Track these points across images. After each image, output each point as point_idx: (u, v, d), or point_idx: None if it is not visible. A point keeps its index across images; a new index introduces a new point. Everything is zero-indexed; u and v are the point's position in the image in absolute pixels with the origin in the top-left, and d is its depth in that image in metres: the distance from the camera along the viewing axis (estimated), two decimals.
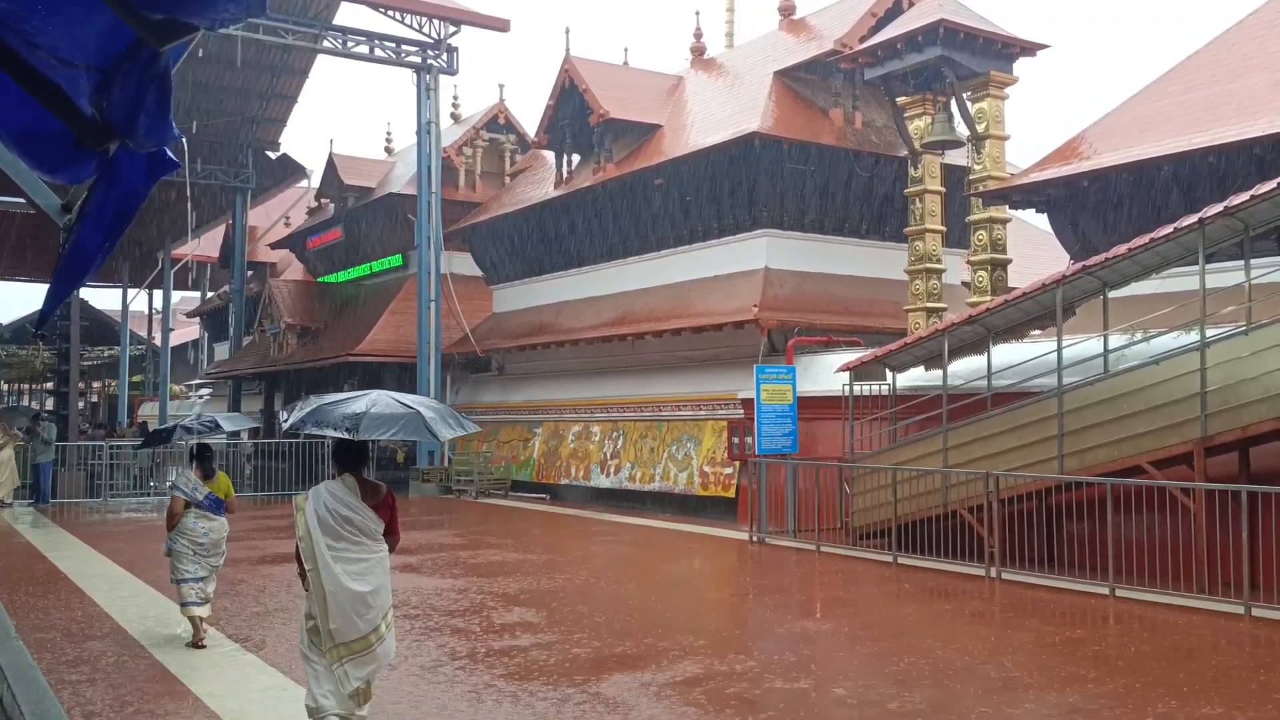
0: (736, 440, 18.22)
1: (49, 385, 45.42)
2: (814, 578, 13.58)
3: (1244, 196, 11.23)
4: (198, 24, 2.18)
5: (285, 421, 6.03)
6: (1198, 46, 17.37)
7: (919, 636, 9.65)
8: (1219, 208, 11.45)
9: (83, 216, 2.82)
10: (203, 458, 9.51)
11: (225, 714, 7.19)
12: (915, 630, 10.08)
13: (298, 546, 5.99)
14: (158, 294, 48.46)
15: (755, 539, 16.26)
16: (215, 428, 10.16)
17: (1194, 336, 11.97)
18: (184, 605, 9.21)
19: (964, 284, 19.96)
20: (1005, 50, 18.30)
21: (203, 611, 9.21)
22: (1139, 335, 13.62)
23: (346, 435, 5.81)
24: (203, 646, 9.03)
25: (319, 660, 5.87)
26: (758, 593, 12.91)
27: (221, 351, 46.29)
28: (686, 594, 12.66)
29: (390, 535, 6.16)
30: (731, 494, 19.66)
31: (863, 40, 20.29)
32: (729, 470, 19.84)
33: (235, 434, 26.68)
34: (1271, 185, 10.95)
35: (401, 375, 30.74)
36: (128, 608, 10.98)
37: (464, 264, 30.93)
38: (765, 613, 11.31)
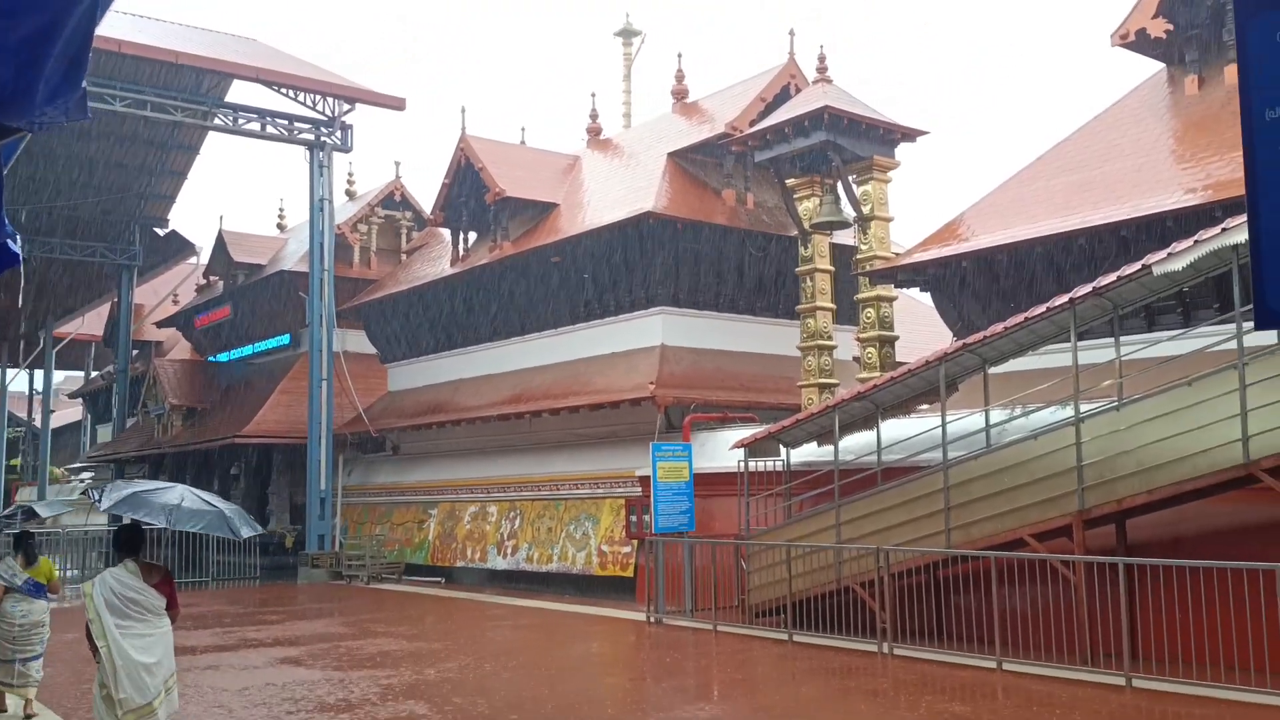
0: (634, 518, 18.13)
1: None
2: (711, 659, 13.48)
3: (1111, 277, 11.71)
4: (18, 126, 2.12)
5: (99, 504, 6.94)
6: (1068, 133, 18.22)
7: (814, 717, 9.61)
8: (1088, 288, 11.91)
9: None
10: (23, 545, 9.94)
11: None
12: (811, 712, 10.05)
13: (88, 627, 6.68)
14: (39, 373, 46.68)
15: (653, 619, 16.12)
16: (32, 515, 10.39)
17: (1070, 412, 12.36)
18: (4, 685, 9.63)
19: (855, 359, 20.35)
20: (887, 135, 18.95)
21: (27, 689, 9.60)
22: (1019, 410, 14.02)
23: (166, 524, 6.76)
24: (32, 716, 9.45)
25: None
26: (654, 676, 12.75)
27: (105, 433, 44.67)
28: (582, 680, 12.44)
29: (172, 609, 6.95)
30: (630, 573, 19.51)
31: (752, 124, 20.83)
32: (627, 549, 19.71)
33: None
34: (1136, 267, 11.44)
35: (292, 457, 30.02)
36: None
37: (358, 342, 30.52)
38: (661, 697, 11.16)
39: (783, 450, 16.35)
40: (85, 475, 48.24)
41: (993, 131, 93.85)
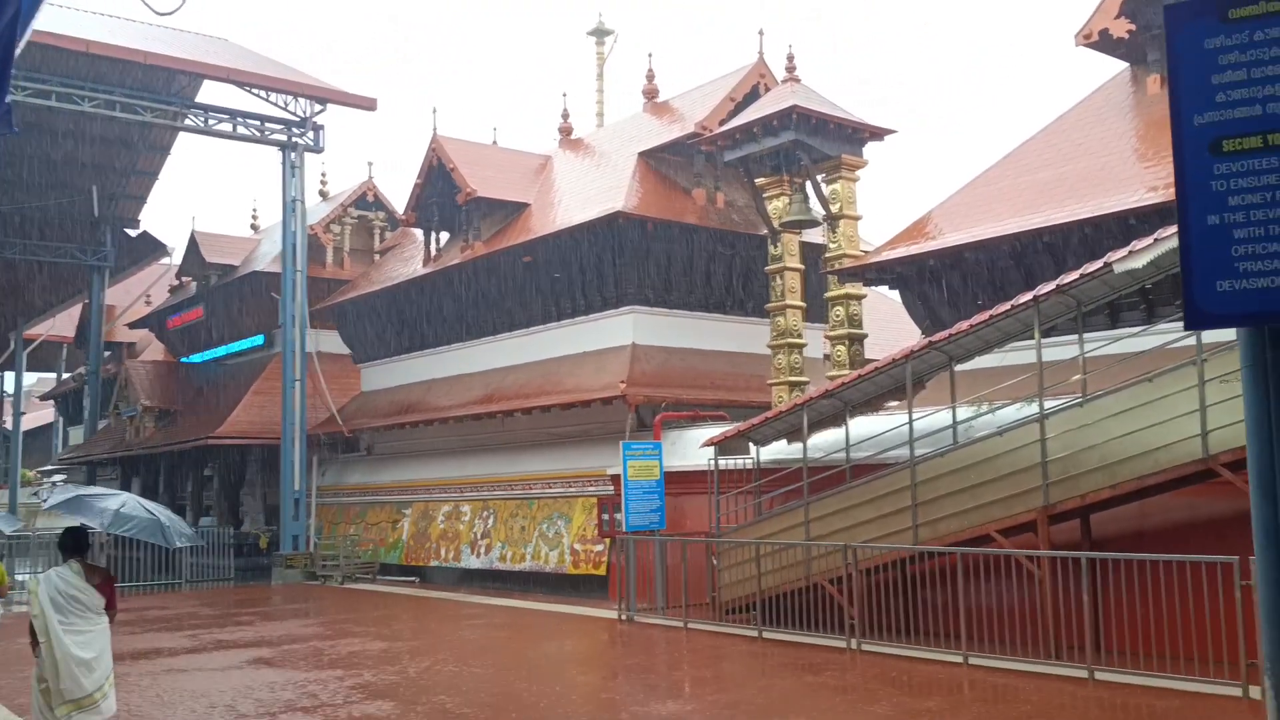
0: (606, 517, 18.19)
1: None
2: (681, 656, 13.56)
3: (1074, 275, 11.85)
4: None
5: (45, 502, 7.76)
6: (1034, 132, 18.39)
7: (783, 714, 9.70)
8: (1051, 286, 12.05)
9: None
10: None
11: None
12: (780, 708, 10.12)
13: (31, 623, 7.20)
14: (9, 375, 46.26)
15: (624, 617, 16.18)
16: None
17: (1035, 408, 12.50)
18: None
19: (825, 357, 20.47)
20: (855, 135, 19.08)
21: None
22: (985, 407, 14.15)
23: (101, 528, 7.41)
24: None
25: (49, 715, 7.13)
26: (625, 674, 12.82)
27: (76, 435, 44.32)
28: (553, 678, 12.48)
29: (110, 609, 7.47)
30: (603, 571, 19.56)
31: (722, 123, 20.91)
32: (599, 547, 19.77)
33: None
34: (1098, 265, 11.58)
35: (265, 457, 29.91)
36: None
37: (331, 342, 30.42)
38: (632, 694, 11.22)
39: (753, 448, 16.44)
40: (58, 477, 47.83)
41: (961, 131, 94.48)
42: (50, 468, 49.83)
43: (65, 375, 48.74)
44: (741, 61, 24.20)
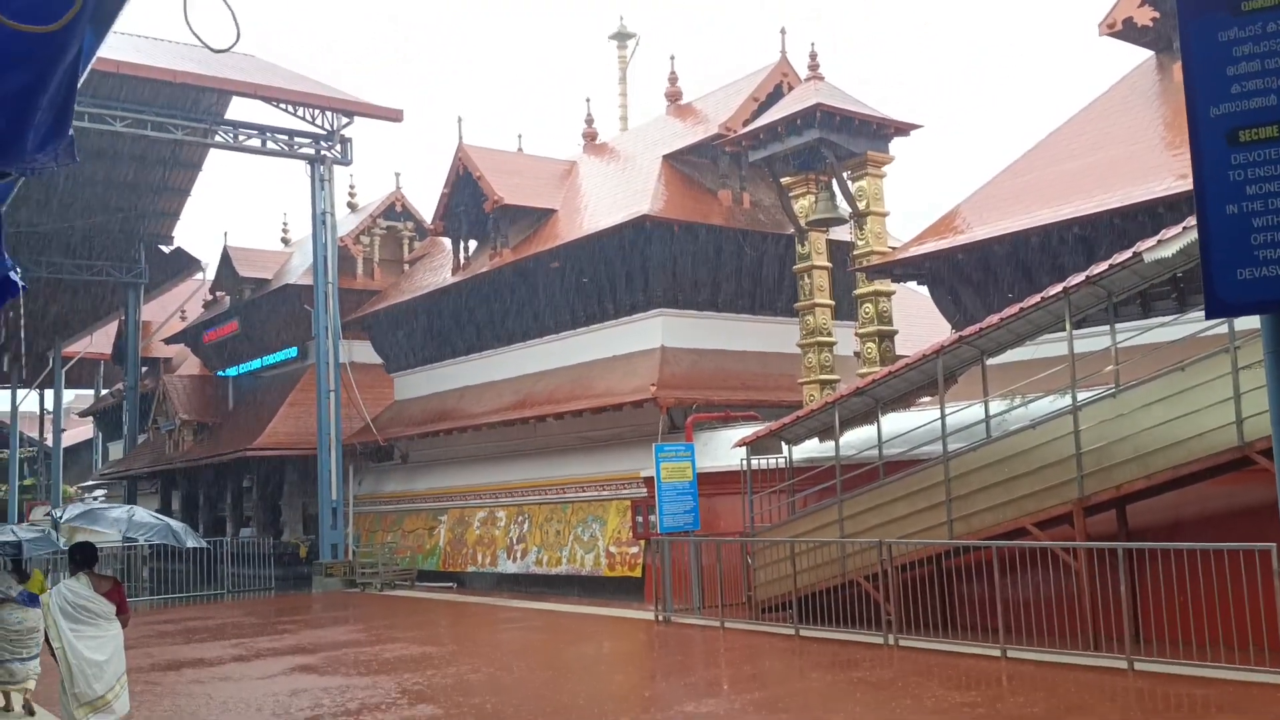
0: (640, 519, 18.27)
1: None
2: (719, 655, 13.61)
3: (1103, 266, 11.82)
4: (11, 171, 2.27)
5: (60, 517, 8.90)
6: (1056, 124, 18.33)
7: (821, 710, 9.75)
8: (1081, 277, 12.03)
9: None
10: (18, 565, 11.36)
11: None
12: (818, 703, 10.18)
13: (46, 632, 8.06)
14: (49, 393, 46.98)
15: (661, 618, 16.26)
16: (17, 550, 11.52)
17: (1068, 400, 12.47)
18: (4, 684, 10.86)
19: (855, 355, 20.46)
20: (881, 131, 19.06)
21: (27, 685, 10.82)
22: (1018, 400, 14.13)
23: (119, 534, 8.66)
24: (33, 715, 10.69)
25: (70, 716, 7.76)
26: (663, 674, 12.90)
27: (116, 451, 44.97)
28: (592, 679, 12.58)
29: (122, 614, 8.10)
30: (638, 573, 19.65)
31: (746, 124, 20.96)
32: (634, 549, 19.85)
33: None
34: (1127, 254, 11.55)
35: (302, 468, 30.23)
36: None
37: (364, 352, 30.72)
38: (671, 694, 11.30)
39: (785, 447, 16.48)
40: (99, 492, 48.53)
41: (988, 124, 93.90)
42: (91, 483, 50.57)
43: (103, 392, 49.43)
44: (763, 62, 24.25)
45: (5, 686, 10.80)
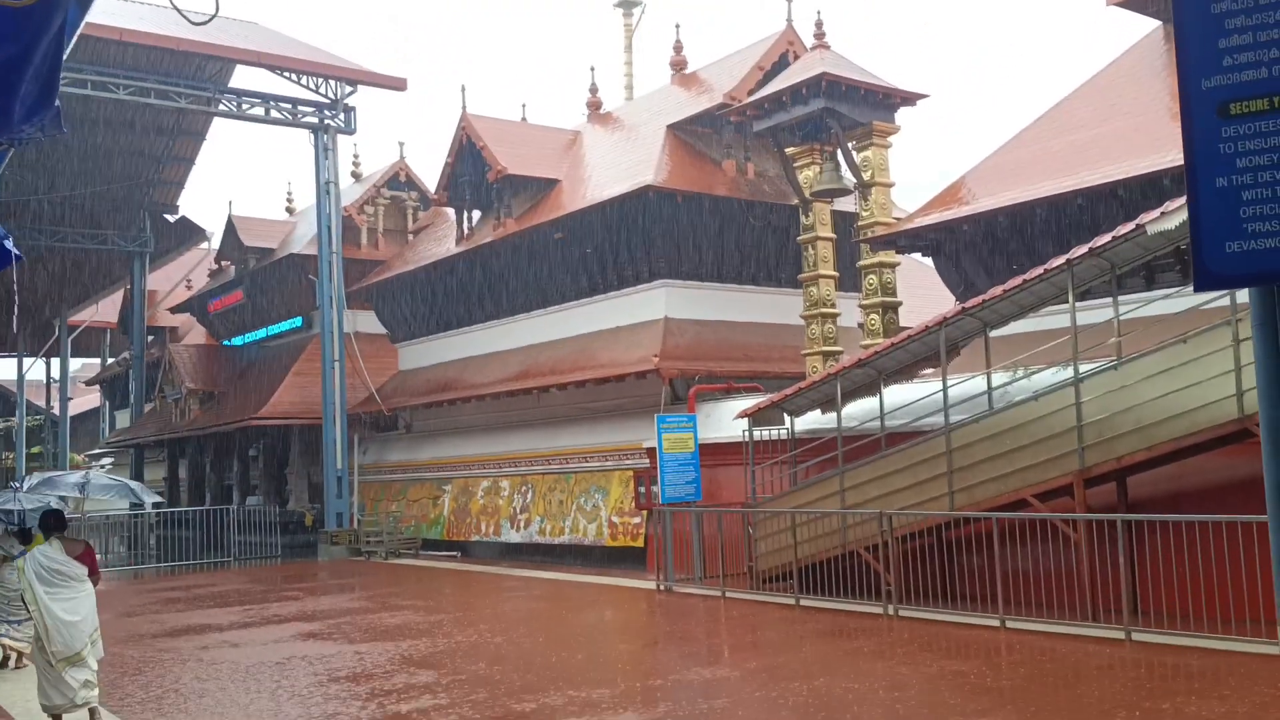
0: (642, 489, 18.36)
1: None
2: (719, 624, 13.71)
3: (1106, 238, 11.79)
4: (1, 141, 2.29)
5: (19, 489, 10.08)
6: (1066, 93, 18.22)
7: (821, 678, 9.82)
8: (1084, 249, 11.99)
9: None
10: (23, 528, 11.91)
11: None
12: (817, 672, 10.25)
13: (22, 596, 8.74)
14: (55, 362, 47.16)
15: (662, 587, 16.36)
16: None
17: (1070, 372, 12.47)
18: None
19: (859, 326, 20.46)
20: (886, 101, 18.96)
21: (18, 644, 11.60)
22: (1020, 372, 14.13)
23: (79, 495, 9.82)
24: (22, 668, 11.38)
25: (49, 670, 8.35)
26: (664, 641, 13.00)
27: (123, 419, 45.15)
28: (593, 646, 12.69)
29: (93, 575, 8.70)
30: (640, 543, 19.76)
31: (751, 93, 20.85)
32: (637, 520, 19.95)
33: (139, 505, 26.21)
34: (1130, 227, 11.51)
35: (308, 437, 30.36)
36: None
37: (368, 322, 30.76)
38: (671, 661, 11.40)
39: (787, 419, 16.52)
40: (106, 460, 48.81)
41: (994, 95, 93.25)
42: (98, 451, 50.87)
43: (110, 360, 49.59)
44: (769, 30, 24.07)
45: (15, 645, 11.57)
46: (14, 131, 2.00)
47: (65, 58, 1.92)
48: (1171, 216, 11.08)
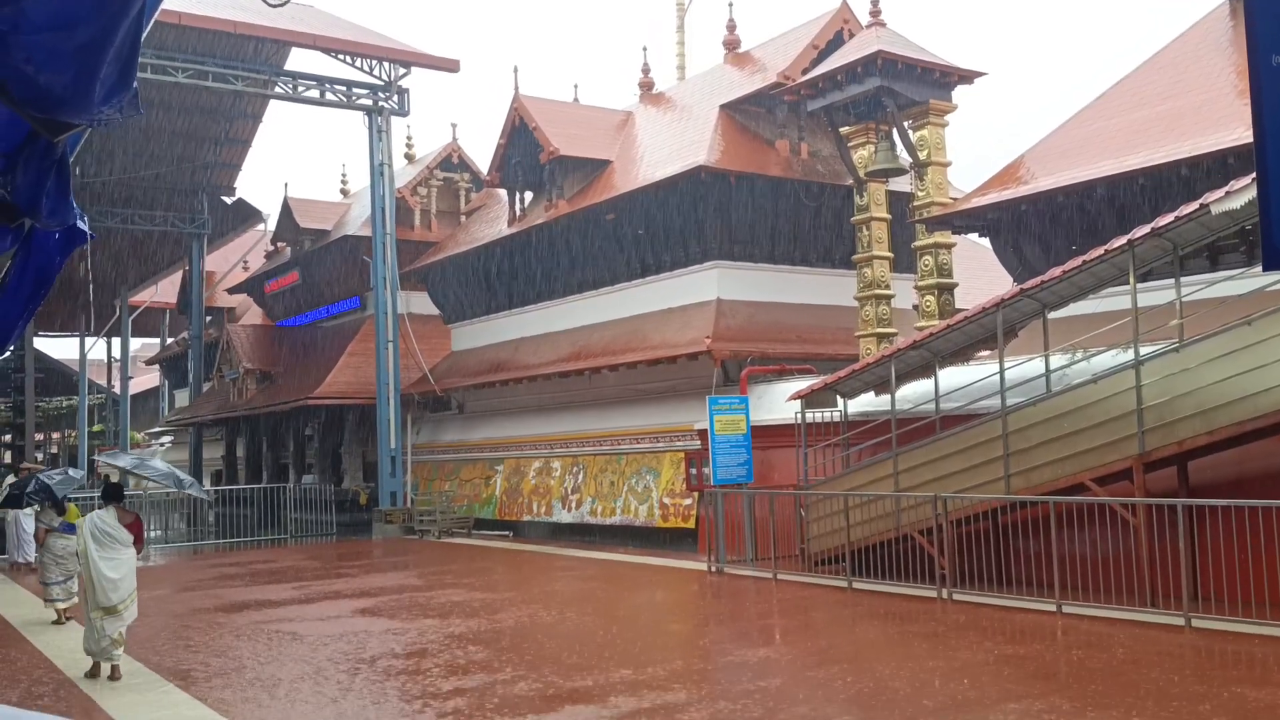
0: (694, 471, 18.38)
1: (6, 438, 44.85)
2: (771, 605, 13.71)
3: (1169, 218, 11.57)
4: (79, 122, 2.34)
5: (108, 461, 13.55)
6: (1128, 70, 17.85)
7: (873, 660, 9.81)
8: (1146, 229, 11.78)
9: (2, 289, 2.97)
10: (56, 502, 13.61)
11: None
12: (870, 654, 10.24)
13: (77, 552, 10.60)
14: (116, 341, 48.12)
15: (714, 569, 16.39)
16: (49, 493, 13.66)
17: (1130, 355, 12.27)
18: (49, 601, 13.53)
19: (914, 308, 20.27)
20: (943, 79, 18.71)
21: (64, 604, 13.44)
22: (1079, 354, 13.93)
23: (133, 465, 12.62)
24: (64, 623, 13.15)
25: (91, 620, 9.67)
26: (715, 622, 13.03)
27: (182, 398, 46.02)
28: (644, 626, 12.75)
29: (137, 543, 10.15)
30: (691, 524, 19.79)
31: (805, 72, 20.69)
32: (688, 501, 19.98)
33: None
34: (1194, 206, 11.29)
35: (362, 417, 30.74)
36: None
37: (421, 303, 31.02)
38: (722, 642, 11.43)
39: (840, 401, 16.43)
40: (165, 439, 49.76)
41: (1056, 73, 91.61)
42: (158, 429, 51.85)
43: (169, 340, 50.48)
44: (824, 8, 23.84)
45: (55, 604, 13.41)
46: (94, 113, 2.04)
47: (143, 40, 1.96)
48: (1237, 195, 10.85)
